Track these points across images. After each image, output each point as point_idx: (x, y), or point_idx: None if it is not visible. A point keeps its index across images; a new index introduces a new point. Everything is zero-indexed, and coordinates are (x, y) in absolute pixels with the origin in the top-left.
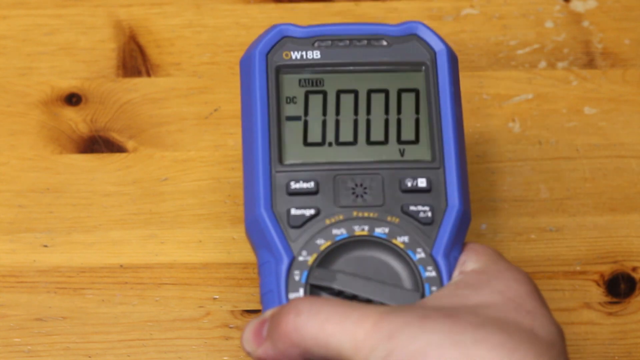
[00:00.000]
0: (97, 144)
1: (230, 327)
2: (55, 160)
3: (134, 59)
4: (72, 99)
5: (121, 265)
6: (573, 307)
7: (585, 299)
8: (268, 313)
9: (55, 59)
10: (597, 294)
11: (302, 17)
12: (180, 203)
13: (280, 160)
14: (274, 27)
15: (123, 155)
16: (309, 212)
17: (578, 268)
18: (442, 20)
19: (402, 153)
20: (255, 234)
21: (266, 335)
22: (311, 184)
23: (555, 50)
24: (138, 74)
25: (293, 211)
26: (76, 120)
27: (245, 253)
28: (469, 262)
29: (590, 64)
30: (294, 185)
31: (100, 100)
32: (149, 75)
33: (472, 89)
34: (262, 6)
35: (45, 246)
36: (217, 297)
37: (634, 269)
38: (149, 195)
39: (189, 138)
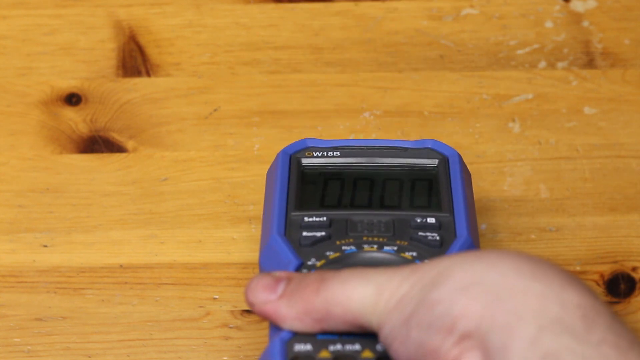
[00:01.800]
0: (97, 144)
1: (230, 327)
2: (55, 160)
3: (134, 59)
4: (72, 99)
5: (121, 265)
6: None
7: None
8: (282, 274)
9: (55, 59)
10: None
11: (302, 17)
12: (180, 203)
13: (297, 208)
14: (300, 140)
15: (123, 155)
16: (320, 234)
17: (578, 268)
18: (442, 20)
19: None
20: (268, 261)
21: (282, 294)
22: (324, 219)
23: (555, 50)
24: (138, 74)
25: (304, 233)
26: (76, 120)
27: (245, 253)
28: None
29: (590, 64)
30: (307, 219)
31: (100, 100)
32: (148, 75)
33: (472, 89)
34: (262, 6)
35: (45, 246)
36: (217, 297)
37: (634, 269)
38: (149, 195)
39: (189, 138)
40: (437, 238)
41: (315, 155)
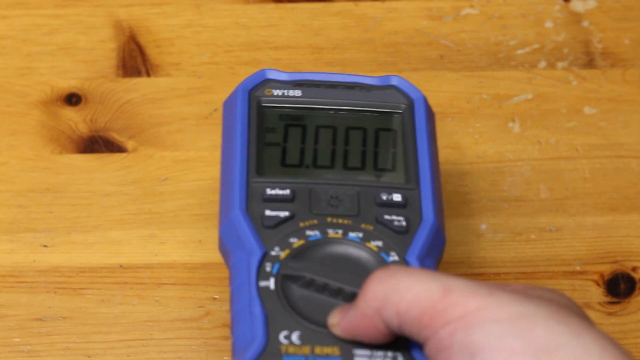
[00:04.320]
0: (97, 144)
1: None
2: (55, 160)
3: (134, 59)
4: (72, 99)
5: (121, 265)
6: None
7: (585, 299)
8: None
9: (55, 59)
10: (597, 294)
11: (302, 17)
12: (180, 203)
13: (258, 174)
14: (259, 71)
15: (123, 155)
16: (284, 214)
17: (578, 268)
18: (442, 20)
19: (378, 177)
20: (229, 237)
21: (352, 304)
22: (287, 192)
23: (555, 50)
24: (138, 74)
25: (267, 212)
26: (76, 120)
27: None
28: None
29: (590, 64)
30: (269, 192)
31: (100, 100)
32: (148, 75)
33: (472, 89)
34: (262, 6)
35: (45, 246)
36: (217, 297)
37: (634, 269)
38: (149, 195)
39: (188, 138)
40: (403, 224)
41: (275, 94)
